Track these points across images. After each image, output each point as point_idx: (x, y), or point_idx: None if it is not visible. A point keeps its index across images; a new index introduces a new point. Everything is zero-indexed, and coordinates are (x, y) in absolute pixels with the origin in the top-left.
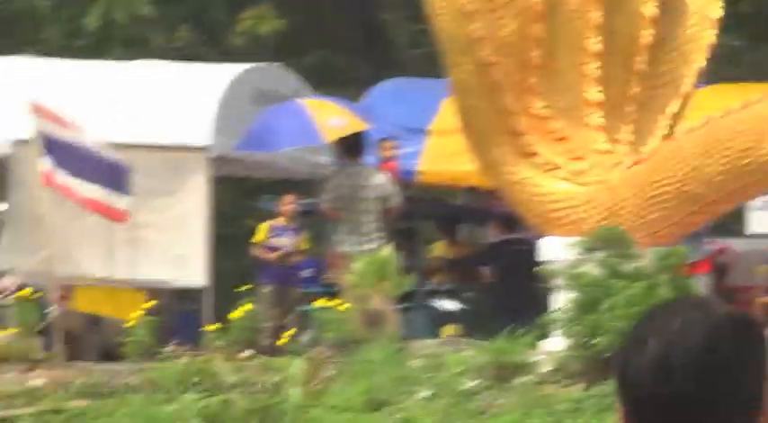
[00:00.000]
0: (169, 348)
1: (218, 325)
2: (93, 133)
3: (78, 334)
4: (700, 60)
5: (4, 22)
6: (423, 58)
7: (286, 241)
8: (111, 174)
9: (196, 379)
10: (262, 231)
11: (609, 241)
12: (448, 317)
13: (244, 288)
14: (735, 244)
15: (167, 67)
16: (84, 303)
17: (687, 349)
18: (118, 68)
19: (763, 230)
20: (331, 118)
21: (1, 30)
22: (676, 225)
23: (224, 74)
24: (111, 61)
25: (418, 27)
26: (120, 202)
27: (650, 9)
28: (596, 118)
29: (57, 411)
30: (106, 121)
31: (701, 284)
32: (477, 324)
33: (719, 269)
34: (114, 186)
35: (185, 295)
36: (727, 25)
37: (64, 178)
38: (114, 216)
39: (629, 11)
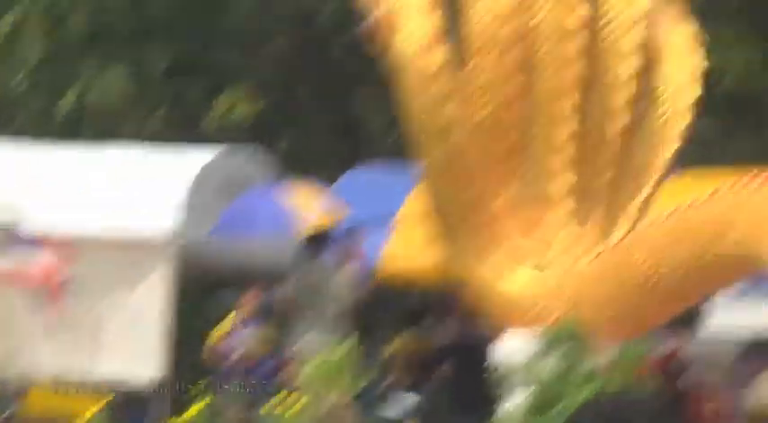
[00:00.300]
0: None
1: None
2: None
3: None
4: (674, 145)
5: None
6: (398, 144)
7: (246, 338)
8: None
9: None
10: (220, 330)
11: (568, 336)
12: (406, 415)
13: (199, 387)
14: (692, 343)
15: (137, 151)
16: (37, 405)
17: None
18: (85, 154)
19: (721, 329)
20: (310, 206)
21: None
22: (641, 318)
23: (193, 160)
24: (80, 146)
25: (394, 112)
26: None
27: (626, 92)
28: (568, 203)
29: None
30: (62, 208)
31: (653, 385)
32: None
33: (673, 369)
34: None
35: (141, 393)
36: (705, 109)
37: None
38: None
39: (604, 94)
